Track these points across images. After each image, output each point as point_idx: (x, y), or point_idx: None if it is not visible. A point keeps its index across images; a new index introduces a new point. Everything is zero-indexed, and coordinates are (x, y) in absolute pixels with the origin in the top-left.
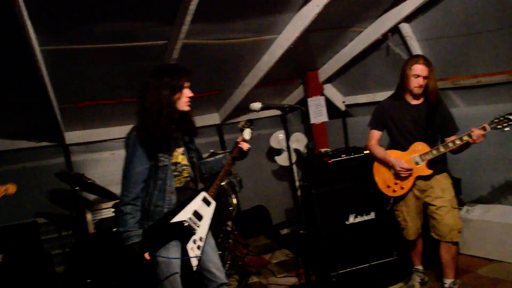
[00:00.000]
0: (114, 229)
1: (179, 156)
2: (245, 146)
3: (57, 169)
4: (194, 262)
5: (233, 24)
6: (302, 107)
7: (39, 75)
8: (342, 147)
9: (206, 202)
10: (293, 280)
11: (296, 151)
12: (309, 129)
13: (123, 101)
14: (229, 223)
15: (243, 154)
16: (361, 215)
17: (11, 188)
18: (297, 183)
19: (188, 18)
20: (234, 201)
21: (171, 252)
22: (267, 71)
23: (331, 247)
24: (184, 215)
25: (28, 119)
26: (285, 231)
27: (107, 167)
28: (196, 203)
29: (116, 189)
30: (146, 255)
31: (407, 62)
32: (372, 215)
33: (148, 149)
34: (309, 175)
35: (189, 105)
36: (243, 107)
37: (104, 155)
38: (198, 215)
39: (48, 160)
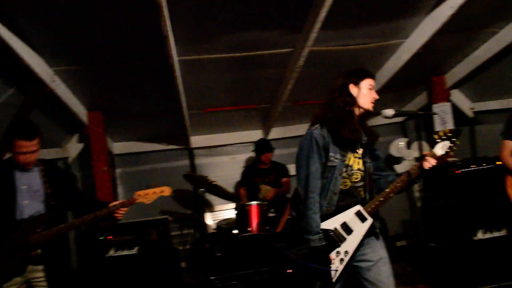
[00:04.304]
0: (235, 231)
1: (353, 159)
2: (428, 164)
3: (182, 170)
4: (332, 274)
5: (360, 30)
6: (437, 113)
7: (175, 84)
8: (468, 157)
9: (361, 217)
10: None
11: (418, 160)
12: (431, 137)
13: (245, 107)
14: None
15: (423, 173)
16: (491, 231)
17: (167, 191)
18: (415, 194)
19: (317, 25)
20: None
21: None
22: (391, 77)
23: (455, 263)
24: (331, 224)
25: (160, 125)
26: (401, 243)
27: (227, 170)
28: (348, 215)
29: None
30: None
31: None
32: (503, 232)
33: (325, 145)
34: (433, 186)
35: (373, 106)
36: None
37: (224, 159)
38: (347, 228)
39: (174, 162)
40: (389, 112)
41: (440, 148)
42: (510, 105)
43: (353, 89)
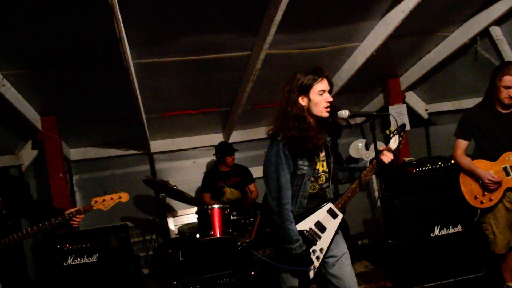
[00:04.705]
0: (197, 235)
1: (319, 162)
2: (387, 158)
3: (142, 176)
4: (311, 273)
5: (315, 33)
6: (391, 114)
7: (131, 87)
8: (424, 156)
9: (332, 213)
10: None
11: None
12: (388, 138)
13: (205, 111)
14: None
15: (383, 167)
16: (447, 228)
17: (124, 197)
18: (376, 193)
19: (273, 28)
20: None
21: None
22: (348, 79)
23: (414, 260)
24: (306, 225)
25: (118, 130)
26: (362, 242)
27: (188, 175)
28: (321, 214)
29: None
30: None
31: (497, 72)
32: (459, 228)
33: (292, 155)
34: (391, 185)
35: (328, 111)
36: None
37: (185, 164)
38: (321, 226)
39: (134, 168)
40: (345, 113)
41: (393, 143)
42: (462, 106)
43: (302, 101)
